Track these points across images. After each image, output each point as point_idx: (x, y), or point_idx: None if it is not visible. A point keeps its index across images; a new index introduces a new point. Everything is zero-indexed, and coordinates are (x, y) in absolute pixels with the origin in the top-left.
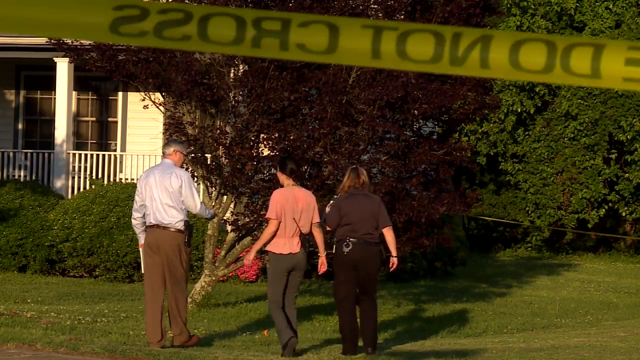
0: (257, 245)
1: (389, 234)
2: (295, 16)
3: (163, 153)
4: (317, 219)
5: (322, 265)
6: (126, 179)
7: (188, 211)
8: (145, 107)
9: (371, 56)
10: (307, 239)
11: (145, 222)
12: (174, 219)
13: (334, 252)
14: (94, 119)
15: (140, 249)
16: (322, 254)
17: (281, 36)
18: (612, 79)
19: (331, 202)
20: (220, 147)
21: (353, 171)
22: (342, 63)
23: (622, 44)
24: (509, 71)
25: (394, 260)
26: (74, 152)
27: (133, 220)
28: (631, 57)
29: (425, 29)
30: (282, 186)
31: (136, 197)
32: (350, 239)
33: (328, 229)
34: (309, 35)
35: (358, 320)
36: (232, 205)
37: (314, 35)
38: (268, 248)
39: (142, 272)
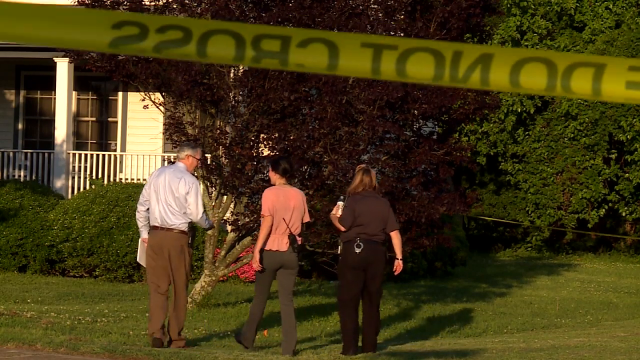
0: (259, 245)
1: (396, 237)
2: (295, 34)
3: (177, 156)
4: (307, 218)
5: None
6: (126, 179)
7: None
8: (145, 107)
9: (371, 74)
10: (296, 239)
11: (148, 216)
12: (178, 221)
13: (339, 252)
14: (94, 119)
15: (141, 242)
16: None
17: (281, 56)
18: (613, 99)
19: (339, 203)
20: (220, 147)
21: (365, 173)
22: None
23: (623, 65)
24: (510, 89)
25: (399, 263)
26: (74, 152)
27: (137, 213)
28: (632, 80)
29: (425, 47)
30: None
31: (143, 191)
32: (361, 240)
33: (342, 229)
34: (308, 54)
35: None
36: (232, 205)
37: (314, 55)
38: None
39: (138, 260)
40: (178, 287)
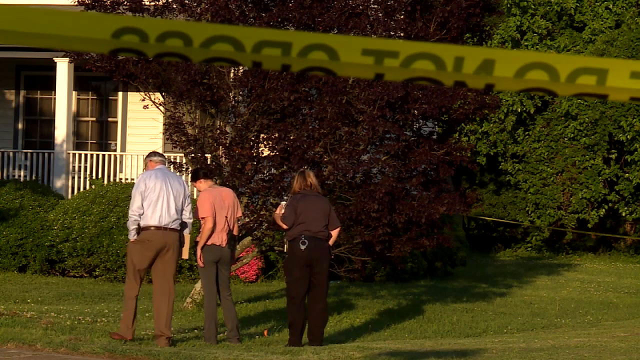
0: (201, 243)
1: (335, 235)
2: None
3: (157, 161)
4: (239, 213)
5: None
6: (126, 179)
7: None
8: (145, 107)
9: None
10: (234, 236)
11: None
12: (179, 220)
13: (286, 250)
14: (94, 119)
15: (188, 238)
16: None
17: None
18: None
19: (282, 203)
20: (220, 147)
21: (300, 175)
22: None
23: (625, 69)
24: (515, 90)
25: None
26: (74, 152)
27: (134, 218)
28: (636, 87)
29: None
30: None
31: (138, 197)
32: (305, 237)
33: (284, 227)
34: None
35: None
36: None
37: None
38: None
39: (185, 257)
40: (171, 287)
